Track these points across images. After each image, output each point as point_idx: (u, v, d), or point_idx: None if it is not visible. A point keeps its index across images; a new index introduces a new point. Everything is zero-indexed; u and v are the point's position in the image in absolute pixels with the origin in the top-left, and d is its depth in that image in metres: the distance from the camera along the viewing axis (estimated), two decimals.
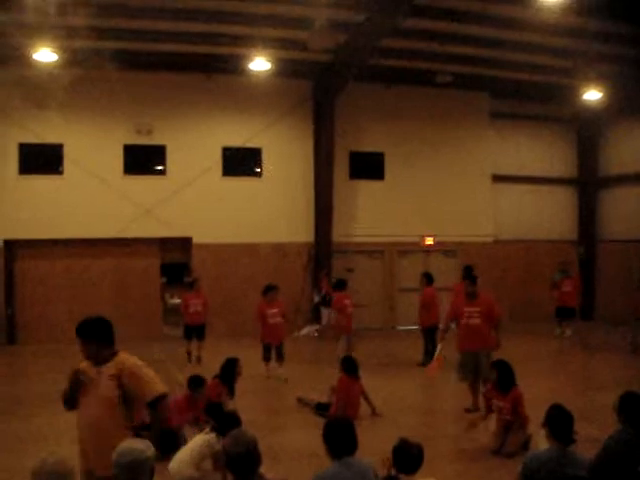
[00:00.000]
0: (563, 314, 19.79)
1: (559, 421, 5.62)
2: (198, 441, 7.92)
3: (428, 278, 15.65)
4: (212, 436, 7.79)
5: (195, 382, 9.25)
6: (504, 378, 9.09)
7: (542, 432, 5.75)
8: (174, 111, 19.27)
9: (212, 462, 7.80)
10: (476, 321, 10.86)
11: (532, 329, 20.67)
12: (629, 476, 5.62)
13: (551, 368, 15.19)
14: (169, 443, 8.09)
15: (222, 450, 4.69)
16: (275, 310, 13.95)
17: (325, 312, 18.70)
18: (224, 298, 19.40)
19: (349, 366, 10.69)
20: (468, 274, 15.18)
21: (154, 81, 18.97)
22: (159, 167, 19.60)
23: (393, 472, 5.55)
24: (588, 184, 23.74)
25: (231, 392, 10.17)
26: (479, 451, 9.30)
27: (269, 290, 14.19)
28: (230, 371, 10.16)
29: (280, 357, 14.03)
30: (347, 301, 15.12)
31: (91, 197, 18.60)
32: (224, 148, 19.94)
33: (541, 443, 6.00)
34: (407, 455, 5.55)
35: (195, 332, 15.75)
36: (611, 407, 6.11)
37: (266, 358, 13.99)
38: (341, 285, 15.58)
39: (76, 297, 18.68)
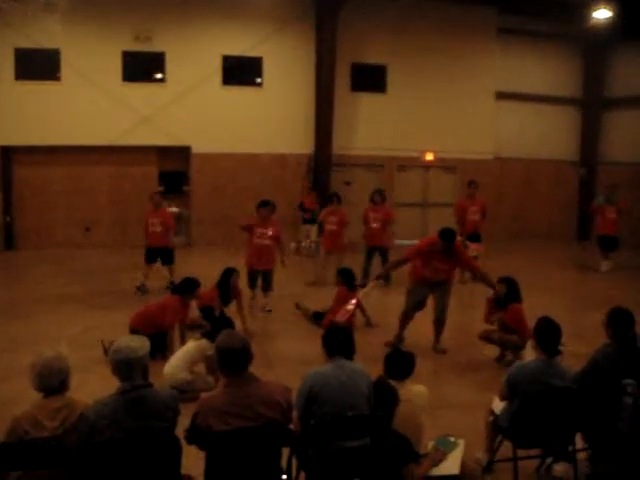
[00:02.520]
0: (606, 244, 17.30)
1: (546, 333, 5.73)
2: (190, 346, 8.10)
3: (383, 196, 14.89)
4: (204, 341, 7.97)
5: (187, 284, 9.32)
6: (510, 294, 9.19)
7: (529, 343, 5.86)
8: (174, 18, 18.89)
9: (205, 366, 7.98)
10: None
11: (527, 246, 20.87)
12: (614, 388, 5.74)
13: (546, 285, 15.29)
14: (158, 344, 8.27)
15: (214, 350, 4.78)
16: (264, 230, 12.00)
17: (305, 229, 18.59)
18: (222, 208, 19.47)
19: (347, 278, 10.96)
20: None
21: None
22: (158, 75, 19.31)
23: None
24: (592, 105, 23.45)
25: (224, 301, 10.25)
26: (477, 360, 9.54)
27: (262, 206, 12.19)
28: (225, 280, 10.24)
29: (267, 287, 12.33)
30: (331, 217, 14.53)
31: (89, 104, 18.38)
32: (224, 56, 19.62)
33: (528, 354, 6.12)
34: (399, 362, 5.66)
35: (158, 255, 13.74)
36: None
37: (251, 285, 12.33)
38: (327, 200, 15.23)
39: (74, 204, 18.78)
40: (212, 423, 4.48)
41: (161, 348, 8.60)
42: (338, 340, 5.22)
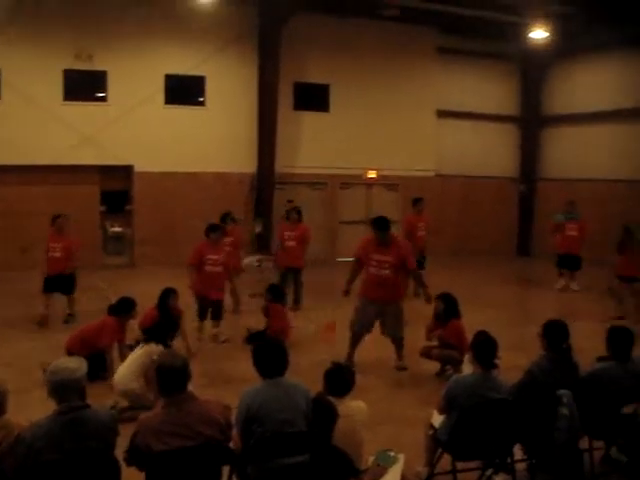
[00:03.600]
0: (566, 263, 16.62)
1: (483, 346, 5.85)
2: (138, 353, 8.01)
3: (299, 213, 14.37)
4: (152, 345, 7.89)
5: (124, 305, 9.24)
6: (449, 310, 9.32)
7: (466, 357, 5.97)
8: (116, 36, 18.65)
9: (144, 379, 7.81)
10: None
11: (469, 263, 21.13)
12: (549, 399, 5.87)
13: (487, 300, 15.52)
14: (97, 365, 8.21)
15: (155, 369, 4.78)
16: (216, 257, 11.24)
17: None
18: (164, 227, 19.34)
19: (276, 294, 11.09)
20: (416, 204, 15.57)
21: (95, 4, 18.33)
22: (100, 94, 19.16)
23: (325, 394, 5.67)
24: (531, 122, 24.00)
25: (166, 321, 9.94)
26: (417, 375, 9.64)
27: (212, 230, 11.41)
28: (163, 302, 10.08)
29: (218, 315, 11.49)
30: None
31: (30, 123, 18.04)
32: (167, 75, 19.55)
33: (466, 367, 6.23)
34: (338, 378, 5.69)
35: (56, 284, 12.40)
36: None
37: (201, 316, 11.37)
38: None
39: (11, 226, 18.33)
40: (151, 443, 4.47)
41: (100, 369, 8.52)
42: (269, 360, 5.17)
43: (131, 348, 9.07)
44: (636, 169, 20.00)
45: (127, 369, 7.89)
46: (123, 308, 9.16)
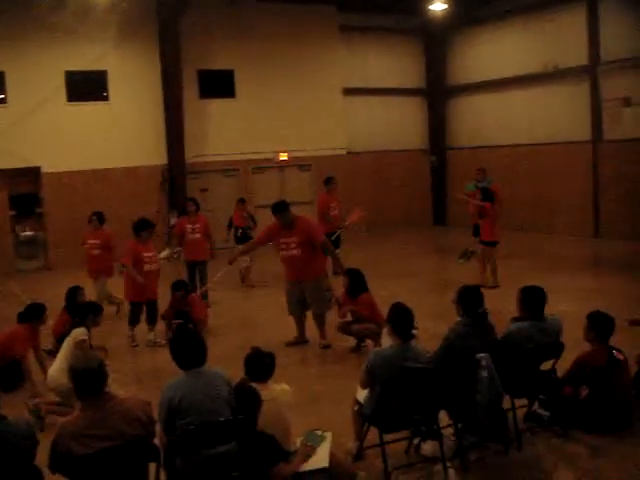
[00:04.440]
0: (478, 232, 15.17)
1: (399, 318, 5.93)
2: (66, 344, 7.94)
3: (197, 205, 13.57)
4: (74, 330, 7.82)
5: (34, 310, 9.04)
6: (355, 285, 9.45)
7: (385, 329, 6.04)
8: (11, 35, 18.09)
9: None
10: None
11: (384, 236, 21.37)
12: (469, 363, 5.99)
13: (406, 270, 15.75)
14: (12, 375, 8.05)
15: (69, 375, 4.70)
16: (150, 254, 10.71)
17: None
18: (79, 228, 18.87)
19: (184, 286, 11.17)
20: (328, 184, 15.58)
21: None
22: None
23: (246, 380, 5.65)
24: (436, 94, 24.29)
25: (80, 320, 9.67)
26: (339, 354, 9.74)
27: (143, 228, 10.75)
28: (71, 301, 9.95)
29: (154, 319, 10.87)
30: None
31: None
32: (67, 72, 19.05)
33: (384, 340, 6.30)
34: (259, 363, 5.67)
35: None
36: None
37: (134, 321, 10.76)
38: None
39: None
40: (72, 447, 4.39)
41: (17, 379, 8.32)
42: (187, 349, 5.15)
43: (49, 353, 8.94)
44: (549, 133, 20.42)
45: (58, 365, 7.79)
46: (33, 314, 8.96)
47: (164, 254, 13.46)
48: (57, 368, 7.75)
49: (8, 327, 9.05)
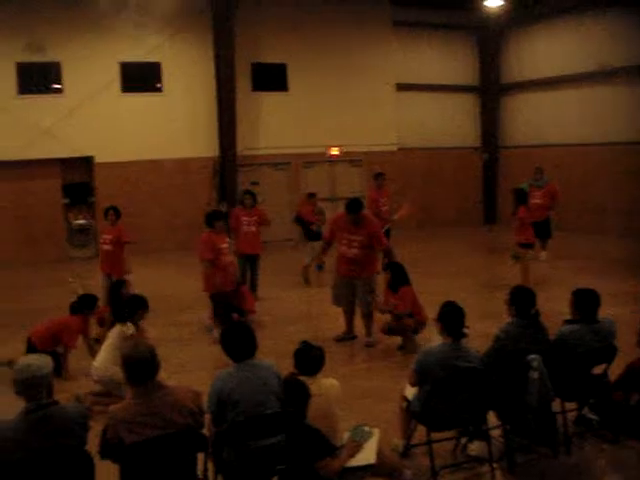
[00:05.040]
0: (535, 231, 14.19)
1: (450, 316, 5.86)
2: (111, 336, 7.96)
3: (254, 198, 13.45)
4: (122, 325, 7.85)
5: (87, 302, 9.17)
6: (396, 278, 9.44)
7: (435, 328, 5.99)
8: (67, 26, 18.35)
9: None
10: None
11: (435, 234, 21.26)
12: (519, 364, 5.91)
13: (456, 269, 15.63)
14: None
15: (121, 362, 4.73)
16: (226, 245, 10.76)
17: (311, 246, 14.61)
18: (129, 217, 19.03)
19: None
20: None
21: None
22: (55, 85, 18.88)
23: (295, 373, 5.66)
24: (490, 91, 24.04)
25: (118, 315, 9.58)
26: (387, 350, 9.70)
27: (218, 218, 10.92)
28: (115, 294, 10.02)
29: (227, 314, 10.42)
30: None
31: None
32: (122, 63, 19.29)
33: (434, 339, 6.25)
34: (308, 357, 5.67)
35: None
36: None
37: (220, 314, 10.44)
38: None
39: None
40: (123, 435, 4.43)
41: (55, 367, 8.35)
42: (237, 342, 5.17)
43: (96, 341, 9.05)
44: (602, 133, 20.09)
45: (105, 354, 7.84)
46: (86, 305, 9.09)
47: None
48: (102, 359, 7.80)
49: (59, 317, 9.18)
